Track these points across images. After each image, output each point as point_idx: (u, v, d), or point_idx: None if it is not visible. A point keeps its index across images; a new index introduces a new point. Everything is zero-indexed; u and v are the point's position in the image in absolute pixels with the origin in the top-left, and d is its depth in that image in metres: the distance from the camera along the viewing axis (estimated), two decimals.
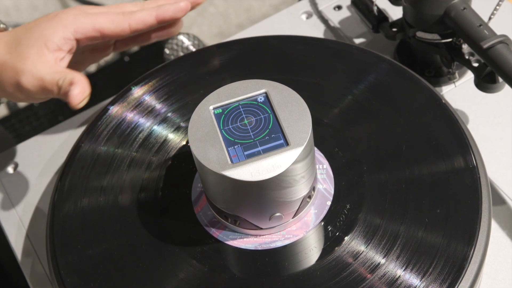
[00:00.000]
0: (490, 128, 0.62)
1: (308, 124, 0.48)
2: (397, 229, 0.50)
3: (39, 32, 0.57)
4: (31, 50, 0.56)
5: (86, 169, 0.57)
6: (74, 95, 0.53)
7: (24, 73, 0.55)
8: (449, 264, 0.49)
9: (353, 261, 0.49)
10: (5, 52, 0.57)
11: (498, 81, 0.58)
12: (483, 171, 0.53)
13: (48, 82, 0.55)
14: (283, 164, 0.46)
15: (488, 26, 0.58)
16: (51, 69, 0.56)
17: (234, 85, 0.51)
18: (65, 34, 0.57)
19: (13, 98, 0.58)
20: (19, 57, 0.56)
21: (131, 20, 0.59)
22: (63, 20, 0.58)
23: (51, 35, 0.57)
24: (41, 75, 0.55)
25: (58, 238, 0.54)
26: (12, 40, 0.57)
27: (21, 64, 0.56)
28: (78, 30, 0.58)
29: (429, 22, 0.61)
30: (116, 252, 0.52)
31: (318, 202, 0.53)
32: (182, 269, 0.51)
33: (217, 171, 0.46)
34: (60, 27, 0.57)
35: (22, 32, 0.57)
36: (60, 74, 0.55)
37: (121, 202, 0.55)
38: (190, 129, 0.49)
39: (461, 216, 0.51)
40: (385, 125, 0.57)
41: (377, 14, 0.67)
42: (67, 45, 0.58)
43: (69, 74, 0.55)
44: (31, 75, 0.55)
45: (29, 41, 0.56)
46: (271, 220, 0.50)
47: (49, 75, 0.55)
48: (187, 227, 0.53)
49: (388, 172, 0.53)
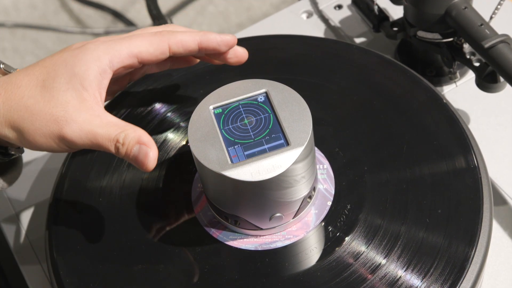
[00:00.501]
0: (491, 128, 0.62)
1: (308, 124, 0.48)
2: (398, 229, 0.50)
3: (70, 71, 0.48)
4: (67, 94, 0.47)
5: (85, 169, 0.57)
6: (151, 159, 0.46)
7: (69, 123, 0.46)
8: (450, 265, 0.48)
9: (354, 262, 0.49)
10: (36, 97, 0.47)
11: (500, 80, 0.58)
12: (484, 171, 0.53)
13: (101, 137, 0.46)
14: (284, 164, 0.46)
15: (489, 25, 0.58)
16: (101, 119, 0.47)
17: (234, 84, 0.51)
18: (101, 67, 0.48)
19: (45, 148, 0.48)
20: (56, 103, 0.47)
21: (170, 41, 0.50)
22: (93, 51, 0.49)
23: (85, 72, 0.48)
24: (91, 128, 0.46)
25: (57, 238, 0.54)
26: (38, 83, 0.48)
27: (63, 112, 0.47)
28: (114, 60, 0.49)
29: (430, 22, 0.61)
30: (116, 253, 0.52)
31: (318, 202, 0.53)
32: (182, 269, 0.50)
33: (217, 171, 0.46)
34: (92, 61, 0.48)
35: (47, 73, 0.48)
36: (116, 128, 0.47)
37: (121, 202, 0.55)
38: (190, 128, 0.49)
39: (462, 216, 0.51)
40: (385, 125, 0.56)
41: (378, 13, 0.67)
42: (105, 80, 0.49)
43: (129, 130, 0.47)
44: (78, 126, 0.46)
45: (61, 84, 0.47)
46: (271, 220, 0.50)
47: (102, 128, 0.47)
48: (187, 228, 0.53)
49: (389, 172, 0.53)
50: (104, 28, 1.25)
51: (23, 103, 0.47)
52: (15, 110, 0.47)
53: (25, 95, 0.48)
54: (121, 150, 0.46)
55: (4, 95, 0.48)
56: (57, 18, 1.33)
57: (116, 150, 0.47)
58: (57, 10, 1.34)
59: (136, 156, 0.46)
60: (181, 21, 1.29)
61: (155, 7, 0.81)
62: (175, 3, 1.31)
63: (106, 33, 1.18)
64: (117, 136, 0.46)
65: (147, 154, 0.46)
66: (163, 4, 1.01)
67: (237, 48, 0.53)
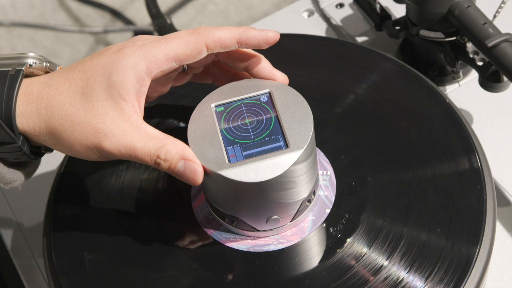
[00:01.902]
0: (495, 128, 0.62)
1: (309, 127, 0.47)
2: (400, 231, 0.50)
3: (107, 79, 0.47)
4: (106, 104, 0.47)
5: (83, 170, 0.57)
6: (199, 175, 0.46)
7: (107, 136, 0.46)
8: (453, 267, 0.48)
9: (347, 272, 0.48)
10: (76, 106, 0.47)
11: (503, 80, 0.58)
12: (487, 172, 0.53)
13: (140, 152, 0.46)
14: (282, 167, 0.46)
15: (492, 24, 0.58)
16: (139, 131, 0.47)
17: (238, 83, 0.51)
18: (138, 75, 0.47)
19: (83, 157, 0.49)
20: (95, 113, 0.47)
21: (207, 40, 0.49)
22: (130, 58, 0.47)
23: (122, 82, 0.47)
24: (129, 142, 0.46)
25: (56, 240, 0.53)
26: (78, 90, 0.48)
27: (101, 124, 0.46)
28: (151, 66, 0.48)
29: (433, 20, 0.61)
30: (113, 254, 0.52)
31: (317, 208, 0.52)
32: (174, 266, 0.50)
33: (214, 170, 0.46)
34: (129, 69, 0.47)
35: (87, 79, 0.48)
36: (155, 141, 0.47)
37: (119, 203, 0.54)
38: (190, 125, 0.48)
39: (466, 217, 0.50)
40: (387, 126, 0.56)
41: (380, 12, 0.67)
42: (143, 87, 0.48)
43: (170, 145, 0.47)
44: (116, 140, 0.46)
45: (100, 93, 0.47)
46: (268, 222, 0.50)
47: (140, 142, 0.46)
48: (183, 223, 0.52)
49: (391, 174, 0.53)
50: (102, 27, 1.24)
51: (65, 111, 0.47)
52: (57, 117, 0.47)
53: (67, 102, 0.47)
54: (163, 165, 0.47)
55: (46, 100, 0.48)
56: (55, 16, 1.32)
57: (156, 165, 0.47)
58: (55, 9, 1.33)
59: (182, 172, 0.47)
60: (181, 20, 1.28)
61: (154, 5, 0.81)
62: (175, 1, 1.31)
63: (104, 32, 1.18)
64: (158, 151, 0.46)
65: (195, 171, 0.47)
66: (162, 2, 1.01)
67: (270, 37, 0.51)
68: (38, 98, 0.48)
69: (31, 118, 0.48)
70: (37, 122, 0.48)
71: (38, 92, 0.48)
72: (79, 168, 0.57)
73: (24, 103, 0.48)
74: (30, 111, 0.48)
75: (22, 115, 0.48)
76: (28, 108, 0.48)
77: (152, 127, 0.48)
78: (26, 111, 0.48)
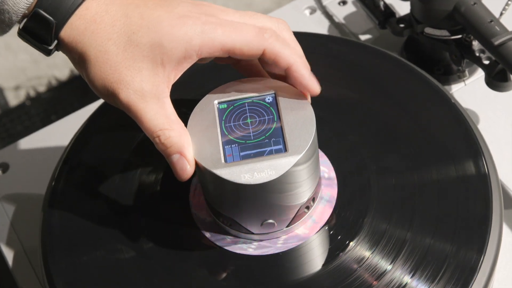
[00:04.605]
0: (501, 128, 0.62)
1: (311, 132, 0.47)
2: (404, 235, 0.49)
3: (159, 38, 0.46)
4: (145, 61, 0.46)
5: (80, 171, 0.57)
6: (188, 174, 0.47)
7: (128, 91, 0.46)
8: (459, 271, 0.48)
9: (345, 280, 0.48)
10: (119, 47, 0.47)
11: (510, 79, 0.58)
12: (494, 174, 0.52)
13: (146, 121, 0.46)
14: (278, 171, 0.45)
15: (499, 22, 0.58)
16: (157, 102, 0.47)
17: (244, 81, 0.50)
18: (188, 51, 0.46)
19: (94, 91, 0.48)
20: (130, 64, 0.46)
21: (267, 49, 0.47)
22: (189, 29, 0.46)
23: (172, 50, 0.46)
24: (143, 109, 0.47)
25: (51, 243, 0.53)
26: (127, 32, 0.47)
27: (129, 78, 0.46)
28: (204, 48, 0.46)
29: (438, 18, 0.61)
30: (109, 257, 0.51)
31: (319, 211, 0.51)
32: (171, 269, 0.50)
33: (208, 169, 0.46)
34: (183, 41, 0.46)
35: (140, 26, 0.47)
36: (165, 121, 0.47)
37: (116, 205, 0.54)
38: (190, 120, 0.48)
39: (471, 221, 0.50)
40: (391, 126, 0.56)
41: (384, 9, 0.66)
42: (186, 64, 0.47)
43: (174, 132, 0.46)
44: (133, 99, 0.47)
45: (145, 47, 0.46)
46: (262, 226, 0.49)
47: (152, 112, 0.46)
48: (182, 227, 0.52)
49: (395, 177, 0.52)
50: None
51: (106, 47, 0.47)
52: (96, 47, 0.47)
53: (112, 38, 0.47)
54: (159, 146, 0.47)
55: (96, 25, 0.47)
56: None
57: (153, 141, 0.47)
58: None
59: (173, 164, 0.47)
60: None
61: None
62: None
63: None
64: (161, 132, 0.46)
65: (185, 170, 0.47)
66: None
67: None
68: (92, 19, 0.47)
69: (75, 32, 0.47)
70: (77, 39, 0.47)
71: (95, 13, 0.47)
72: (76, 169, 0.57)
73: (77, 15, 0.47)
74: (78, 26, 0.47)
75: (70, 24, 0.47)
76: (78, 23, 0.47)
77: (171, 106, 0.48)
78: (75, 23, 0.47)
